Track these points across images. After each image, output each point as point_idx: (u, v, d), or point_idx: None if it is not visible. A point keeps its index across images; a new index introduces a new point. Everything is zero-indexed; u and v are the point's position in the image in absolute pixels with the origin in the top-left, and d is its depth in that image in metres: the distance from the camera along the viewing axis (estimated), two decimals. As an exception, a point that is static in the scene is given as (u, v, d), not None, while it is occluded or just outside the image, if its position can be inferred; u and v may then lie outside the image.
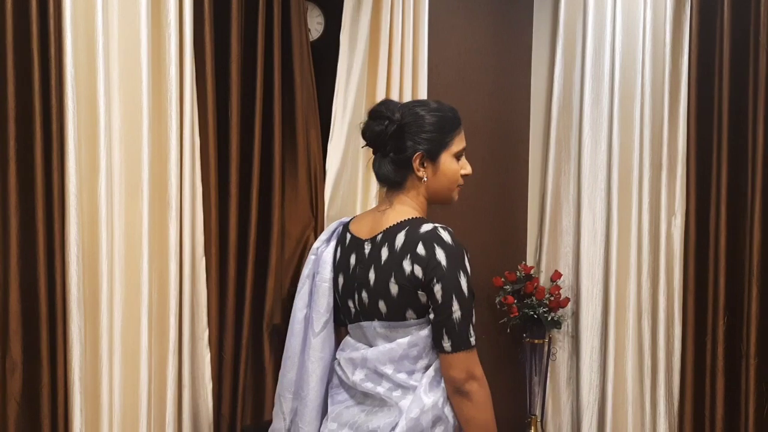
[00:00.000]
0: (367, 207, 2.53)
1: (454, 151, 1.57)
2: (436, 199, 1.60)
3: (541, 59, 3.04)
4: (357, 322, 1.60)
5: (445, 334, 1.45)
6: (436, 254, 1.45)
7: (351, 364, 1.59)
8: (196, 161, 2.15)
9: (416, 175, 1.55)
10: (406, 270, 1.48)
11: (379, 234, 1.55)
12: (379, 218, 1.59)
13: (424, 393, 1.49)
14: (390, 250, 1.51)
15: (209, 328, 2.17)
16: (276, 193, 2.31)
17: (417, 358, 1.52)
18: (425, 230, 1.49)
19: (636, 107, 2.73)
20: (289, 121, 2.36)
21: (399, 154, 1.55)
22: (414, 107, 1.57)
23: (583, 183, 2.83)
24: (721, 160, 2.56)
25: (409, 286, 1.48)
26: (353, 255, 1.60)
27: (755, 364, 2.42)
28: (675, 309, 2.70)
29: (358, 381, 1.56)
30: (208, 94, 2.14)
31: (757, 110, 2.44)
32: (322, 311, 1.63)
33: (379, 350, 1.53)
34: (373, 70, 2.53)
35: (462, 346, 1.44)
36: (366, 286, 1.55)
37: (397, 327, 1.52)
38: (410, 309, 1.50)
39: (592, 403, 2.84)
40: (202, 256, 2.16)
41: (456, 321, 1.44)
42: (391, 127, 1.53)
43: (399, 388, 1.53)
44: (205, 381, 2.19)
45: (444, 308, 1.44)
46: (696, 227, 2.64)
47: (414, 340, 1.51)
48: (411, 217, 1.54)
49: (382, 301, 1.52)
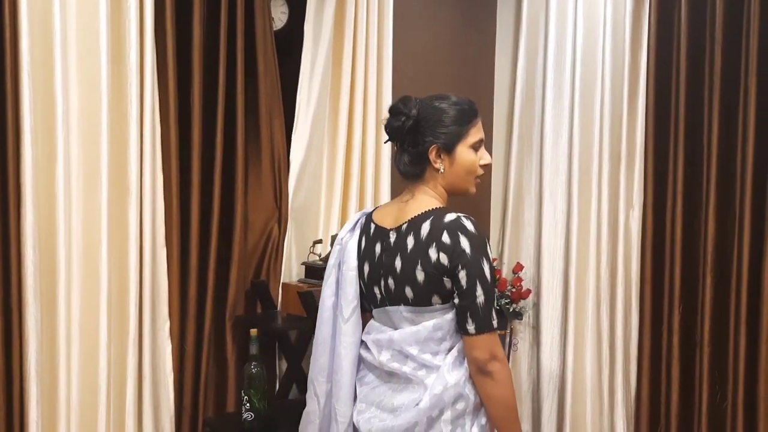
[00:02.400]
0: (333, 199, 2.54)
1: (471, 143, 1.60)
2: (453, 190, 1.64)
3: (504, 53, 3.05)
4: (383, 307, 1.64)
5: (470, 318, 1.51)
6: (460, 242, 1.50)
7: (377, 346, 1.64)
8: (156, 149, 2.12)
9: (434, 167, 1.59)
10: (432, 258, 1.52)
11: (404, 224, 1.59)
12: (403, 208, 1.63)
13: (447, 372, 1.54)
14: (416, 238, 1.55)
15: (170, 319, 2.17)
16: (239, 183, 2.30)
17: (441, 340, 1.57)
18: (449, 219, 1.53)
19: (596, 101, 2.75)
20: (252, 109, 2.35)
21: (416, 147, 1.59)
22: (431, 101, 1.60)
23: (544, 176, 2.85)
24: (677, 154, 2.58)
25: (435, 273, 1.52)
26: (378, 244, 1.64)
27: (709, 352, 2.44)
28: (632, 299, 2.72)
29: (385, 361, 1.61)
30: (170, 81, 2.13)
31: (712, 105, 2.46)
32: (350, 298, 1.67)
33: (406, 332, 1.58)
34: (338, 61, 2.53)
35: (485, 328, 1.50)
36: (392, 274, 1.59)
37: (423, 311, 1.56)
38: (436, 294, 1.54)
39: (552, 393, 2.87)
40: (162, 246, 2.14)
41: (480, 305, 1.49)
42: (408, 123, 1.57)
43: (423, 367, 1.57)
44: (166, 373, 2.17)
45: (468, 293, 1.49)
46: (653, 219, 2.65)
47: (439, 323, 1.56)
48: (434, 207, 1.58)
49: (408, 288, 1.56)
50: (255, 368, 2.20)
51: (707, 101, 2.51)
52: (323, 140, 2.52)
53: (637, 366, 2.71)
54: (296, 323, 2.31)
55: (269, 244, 2.41)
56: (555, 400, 2.89)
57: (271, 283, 2.41)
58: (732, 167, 2.46)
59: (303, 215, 2.49)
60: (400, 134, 1.61)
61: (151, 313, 2.12)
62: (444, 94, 1.64)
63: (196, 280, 2.20)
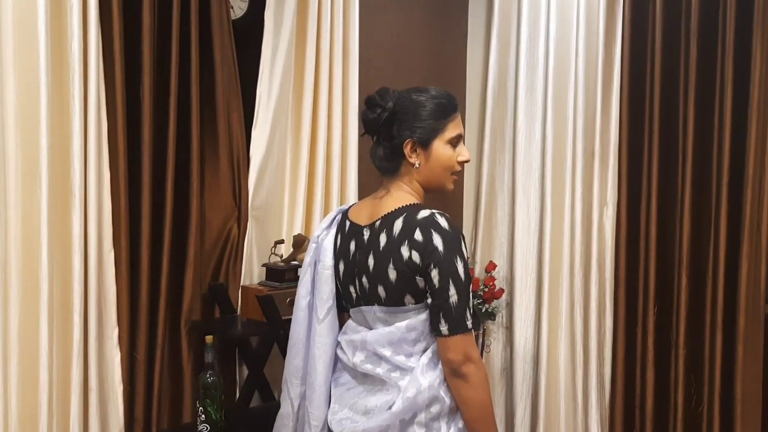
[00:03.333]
0: (296, 197, 2.45)
1: (448, 138, 1.58)
2: (429, 186, 1.62)
3: (476, 45, 2.99)
4: (358, 307, 1.62)
5: (442, 318, 1.48)
6: (433, 240, 1.47)
7: (351, 347, 1.62)
8: (102, 145, 2.00)
9: (409, 162, 1.57)
10: (404, 256, 1.50)
11: (377, 220, 1.57)
12: (377, 205, 1.60)
13: (420, 374, 1.52)
14: (388, 236, 1.53)
15: (119, 327, 2.05)
16: (194, 180, 2.20)
17: (415, 341, 1.55)
18: (422, 216, 1.51)
19: (569, 95, 2.72)
20: (208, 103, 2.24)
21: (391, 141, 1.57)
22: (409, 94, 1.59)
23: (517, 173, 2.81)
24: (652, 150, 2.57)
25: (407, 272, 1.50)
26: (353, 241, 1.62)
27: (684, 355, 2.47)
28: (606, 299, 2.71)
29: (358, 363, 1.60)
30: (116, 72, 2.00)
31: (688, 100, 2.47)
32: (325, 298, 1.65)
33: (379, 333, 1.57)
34: (301, 51, 2.43)
35: (459, 329, 1.47)
36: (366, 272, 1.57)
37: (396, 312, 1.54)
38: (408, 294, 1.52)
39: (525, 395, 2.84)
40: (110, 249, 2.02)
41: (453, 305, 1.47)
42: (384, 115, 1.55)
43: (397, 369, 1.56)
44: (115, 384, 2.06)
45: (441, 292, 1.47)
46: (627, 218, 2.65)
47: (412, 324, 1.54)
48: (408, 204, 1.56)
49: (381, 287, 1.54)
50: (210, 377, 2.09)
51: (683, 95, 2.51)
52: (286, 135, 2.42)
53: (611, 368, 2.70)
54: (256, 329, 2.22)
55: (228, 245, 2.31)
56: (528, 403, 2.86)
57: (231, 286, 2.32)
58: (708, 164, 2.46)
59: (265, 214, 2.39)
60: (376, 127, 1.59)
61: (97, 321, 2.01)
62: (423, 87, 1.62)
63: (147, 284, 2.09)
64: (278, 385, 2.37)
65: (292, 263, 2.28)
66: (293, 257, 2.29)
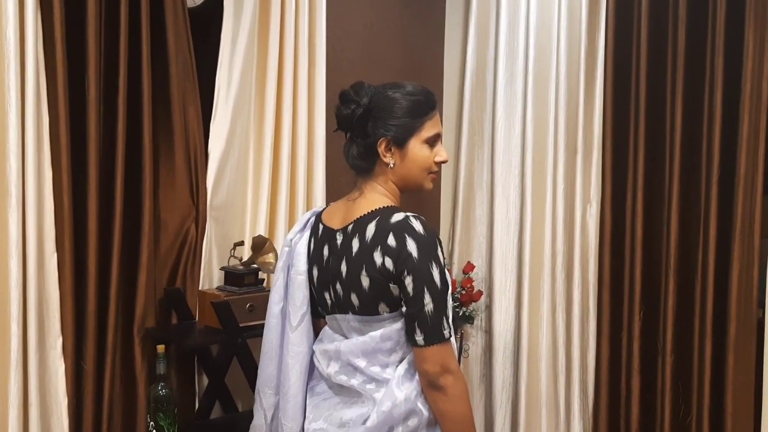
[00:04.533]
0: (260, 196, 2.40)
1: (425, 137, 1.54)
2: (406, 186, 1.59)
3: (453, 34, 2.94)
4: (333, 314, 1.61)
5: (418, 327, 1.46)
6: (407, 245, 1.45)
7: (326, 357, 1.60)
8: (43, 140, 1.94)
9: (383, 161, 1.54)
10: (377, 262, 1.48)
11: (350, 224, 1.55)
12: (351, 207, 1.58)
13: (396, 386, 1.50)
14: (361, 241, 1.51)
15: (63, 335, 1.98)
16: (147, 178, 2.14)
17: (390, 351, 1.53)
18: (396, 220, 1.48)
19: (551, 87, 2.67)
20: (162, 95, 2.19)
21: (365, 139, 1.54)
22: (384, 90, 1.56)
23: (496, 169, 2.76)
24: (638, 145, 2.52)
25: (380, 279, 1.48)
26: (326, 246, 1.60)
27: (671, 362, 2.41)
28: (590, 303, 2.67)
29: (332, 374, 1.58)
30: (58, 61, 1.92)
31: (675, 92, 2.40)
32: (298, 305, 1.63)
33: (353, 343, 1.55)
34: (264, 40, 2.36)
35: (435, 339, 1.45)
36: (339, 279, 1.55)
37: (370, 320, 1.52)
38: (382, 302, 1.50)
39: (505, 402, 2.80)
40: (53, 252, 1.96)
41: (428, 314, 1.44)
42: (358, 111, 1.53)
43: (373, 381, 1.54)
44: (59, 397, 1.98)
45: (416, 301, 1.45)
46: (612, 216, 2.61)
47: (387, 333, 1.52)
48: (382, 206, 1.53)
49: (354, 294, 1.52)
50: (162, 390, 2.03)
51: (670, 87, 2.44)
52: (248, 129, 2.34)
53: (594, 376, 2.66)
54: (214, 337, 2.14)
55: (185, 247, 2.25)
56: (508, 411, 2.80)
57: (189, 291, 2.25)
58: (697, 160, 2.40)
59: (225, 214, 2.32)
60: (349, 123, 1.56)
61: (37, 330, 1.93)
62: (399, 83, 1.58)
63: (95, 288, 2.02)
64: (241, 395, 2.33)
65: (252, 267, 2.21)
66: (253, 260, 2.22)
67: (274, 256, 2.18)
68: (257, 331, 2.14)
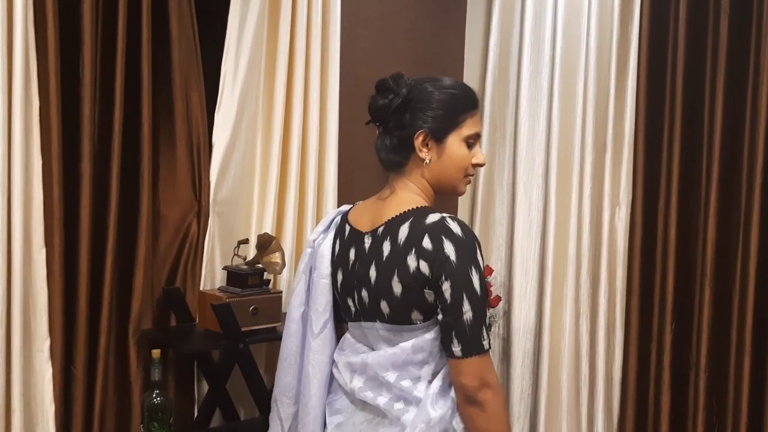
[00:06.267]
0: (267, 191, 2.35)
1: (465, 135, 1.51)
2: (440, 186, 1.55)
3: (476, 23, 2.88)
4: (357, 322, 1.56)
5: (455, 338, 1.41)
6: (444, 248, 1.41)
7: (349, 369, 1.56)
8: (32, 127, 1.88)
9: (419, 156, 1.50)
10: (411, 266, 1.43)
11: (380, 226, 1.51)
12: (381, 207, 1.54)
13: (431, 405, 1.45)
14: (392, 244, 1.47)
15: (51, 337, 1.92)
16: (145, 169, 2.09)
17: (422, 363, 1.48)
18: (432, 221, 1.44)
19: (579, 80, 2.63)
20: (163, 81, 2.15)
21: (401, 130, 1.50)
22: (424, 82, 1.53)
23: (518, 167, 2.71)
24: (673, 143, 2.47)
25: (414, 285, 1.44)
26: (353, 249, 1.56)
27: (705, 378, 2.36)
28: (617, 312, 2.63)
29: (357, 389, 1.53)
30: (50, 42, 1.86)
31: (716, 85, 2.35)
32: (321, 310, 1.60)
33: (381, 355, 1.50)
34: (274, 25, 2.31)
35: (474, 350, 1.40)
36: (366, 285, 1.51)
37: (401, 330, 1.48)
38: (416, 310, 1.46)
39: (523, 415, 2.75)
40: (41, 247, 1.90)
41: (467, 322, 1.40)
42: (396, 101, 1.49)
43: (401, 399, 1.49)
44: (45, 404, 1.91)
45: (454, 308, 1.41)
46: (643, 220, 2.56)
47: (419, 344, 1.47)
48: (416, 207, 1.49)
49: (384, 302, 1.48)
50: (157, 398, 1.97)
51: (710, 79, 2.39)
52: (255, 119, 2.28)
53: (620, 390, 2.61)
54: (214, 341, 2.08)
55: (186, 244, 2.19)
56: (526, 424, 2.76)
57: (188, 292, 2.19)
58: (738, 160, 2.34)
59: (229, 209, 2.25)
60: (385, 114, 1.51)
61: (22, 331, 1.86)
62: (440, 77, 1.55)
63: (87, 287, 1.96)
64: (243, 402, 2.28)
65: (256, 267, 2.14)
66: (258, 260, 2.14)
67: (280, 256, 2.13)
68: (261, 336, 2.14)
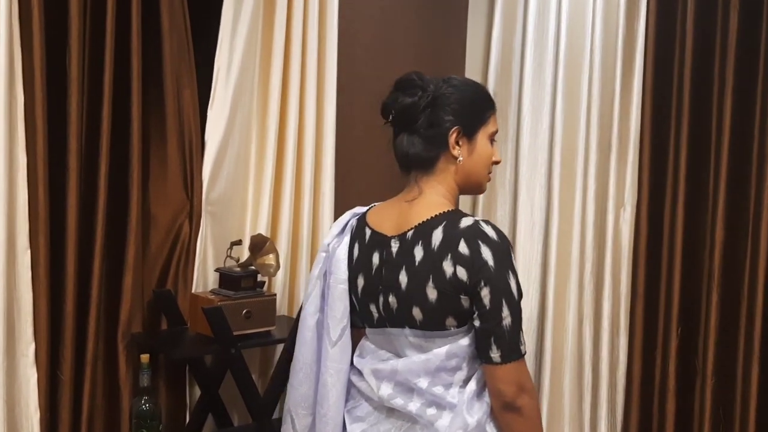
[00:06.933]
0: (262, 191, 2.33)
1: (490, 131, 1.53)
2: (468, 183, 1.54)
3: (477, 19, 2.84)
4: (381, 328, 1.54)
5: (494, 344, 1.40)
6: (481, 253, 1.40)
7: (376, 377, 1.53)
8: (16, 123, 1.85)
9: (451, 155, 1.49)
10: (447, 272, 1.42)
11: (409, 230, 1.49)
12: (407, 211, 1.51)
13: (467, 411, 1.44)
14: (425, 249, 1.45)
15: (36, 342, 1.88)
16: (134, 168, 2.06)
17: (455, 369, 1.47)
18: (466, 225, 1.42)
19: (584, 77, 2.60)
20: (153, 77, 2.13)
21: (433, 128, 1.48)
22: (449, 79, 1.53)
23: (521, 166, 2.68)
24: (680, 142, 2.44)
25: (450, 291, 1.42)
26: (376, 253, 1.53)
27: (712, 385, 2.33)
28: (621, 316, 2.60)
29: (385, 397, 1.50)
30: (35, 36, 1.82)
31: (725, 83, 2.33)
32: (339, 317, 1.57)
33: (413, 361, 1.48)
34: (269, 18, 2.28)
35: (513, 356, 1.40)
36: (395, 291, 1.48)
37: (434, 336, 1.46)
38: (450, 316, 1.44)
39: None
40: (25, 248, 1.86)
41: (506, 328, 1.40)
42: (425, 98, 1.47)
43: (433, 405, 1.47)
44: (30, 411, 1.87)
45: (493, 314, 1.41)
46: (648, 221, 2.54)
47: (453, 350, 1.46)
48: (447, 210, 1.47)
49: (417, 308, 1.46)
50: (146, 405, 1.93)
51: (718, 78, 2.36)
52: (250, 116, 2.26)
53: (624, 396, 2.57)
54: (207, 346, 2.04)
55: (177, 245, 2.17)
56: None
57: (180, 294, 2.17)
58: (747, 161, 2.31)
59: (223, 209, 2.22)
60: (413, 112, 1.48)
61: (5, 335, 1.82)
62: (451, 76, 1.55)
63: (74, 289, 1.93)
64: (236, 408, 2.24)
65: (250, 269, 2.11)
66: (251, 261, 2.11)
67: (274, 258, 2.09)
68: (254, 340, 2.10)
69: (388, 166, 1.59)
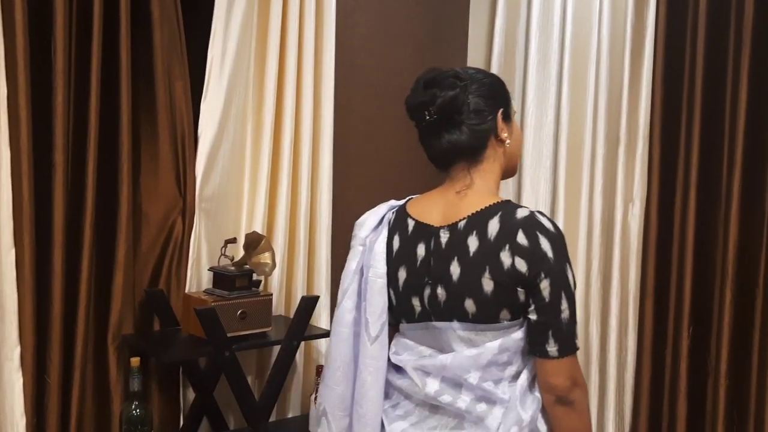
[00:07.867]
0: (257, 187, 2.32)
1: (515, 112, 1.58)
2: (510, 167, 1.57)
3: (479, 6, 2.81)
4: (424, 322, 1.52)
5: (551, 337, 1.40)
6: (540, 244, 1.40)
7: (422, 373, 1.50)
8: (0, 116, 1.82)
9: (495, 141, 1.49)
10: (505, 263, 1.41)
11: (461, 220, 1.47)
12: (457, 201, 1.49)
13: (520, 406, 1.43)
14: (481, 240, 1.44)
15: (21, 345, 1.86)
16: (124, 163, 2.04)
17: (506, 364, 1.46)
18: (523, 215, 1.43)
19: (590, 68, 2.58)
20: (143, 67, 2.12)
21: (478, 116, 1.48)
22: (466, 68, 1.54)
23: (525, 160, 2.65)
24: (691, 135, 2.41)
25: (508, 282, 1.41)
26: (422, 245, 1.51)
27: (726, 386, 2.27)
28: (629, 314, 2.57)
29: (433, 393, 1.48)
30: (17, 24, 1.79)
31: (739, 73, 2.26)
32: (378, 312, 1.54)
33: (464, 356, 1.46)
34: (264, 7, 2.28)
35: (569, 349, 1.41)
36: (445, 282, 1.46)
37: (486, 329, 1.45)
38: (505, 309, 1.43)
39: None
40: (10, 247, 1.84)
41: (564, 321, 1.40)
42: (467, 88, 1.47)
43: (483, 400, 1.45)
44: (15, 417, 1.85)
45: (552, 307, 1.41)
46: (658, 217, 2.51)
47: (505, 344, 1.44)
48: (501, 201, 1.47)
49: (470, 300, 1.44)
50: (136, 409, 1.91)
51: (732, 68, 2.31)
52: (244, 109, 2.23)
53: (633, 398, 2.54)
54: (200, 348, 2.00)
55: (170, 243, 2.16)
56: None
57: (173, 294, 2.16)
58: (762, 153, 2.27)
59: (217, 206, 2.20)
60: (458, 104, 1.46)
61: None
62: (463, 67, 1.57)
63: (61, 290, 1.90)
64: (232, 410, 2.22)
65: (244, 268, 2.07)
66: (246, 260, 2.06)
67: (270, 256, 2.05)
68: (250, 342, 2.05)
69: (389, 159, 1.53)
